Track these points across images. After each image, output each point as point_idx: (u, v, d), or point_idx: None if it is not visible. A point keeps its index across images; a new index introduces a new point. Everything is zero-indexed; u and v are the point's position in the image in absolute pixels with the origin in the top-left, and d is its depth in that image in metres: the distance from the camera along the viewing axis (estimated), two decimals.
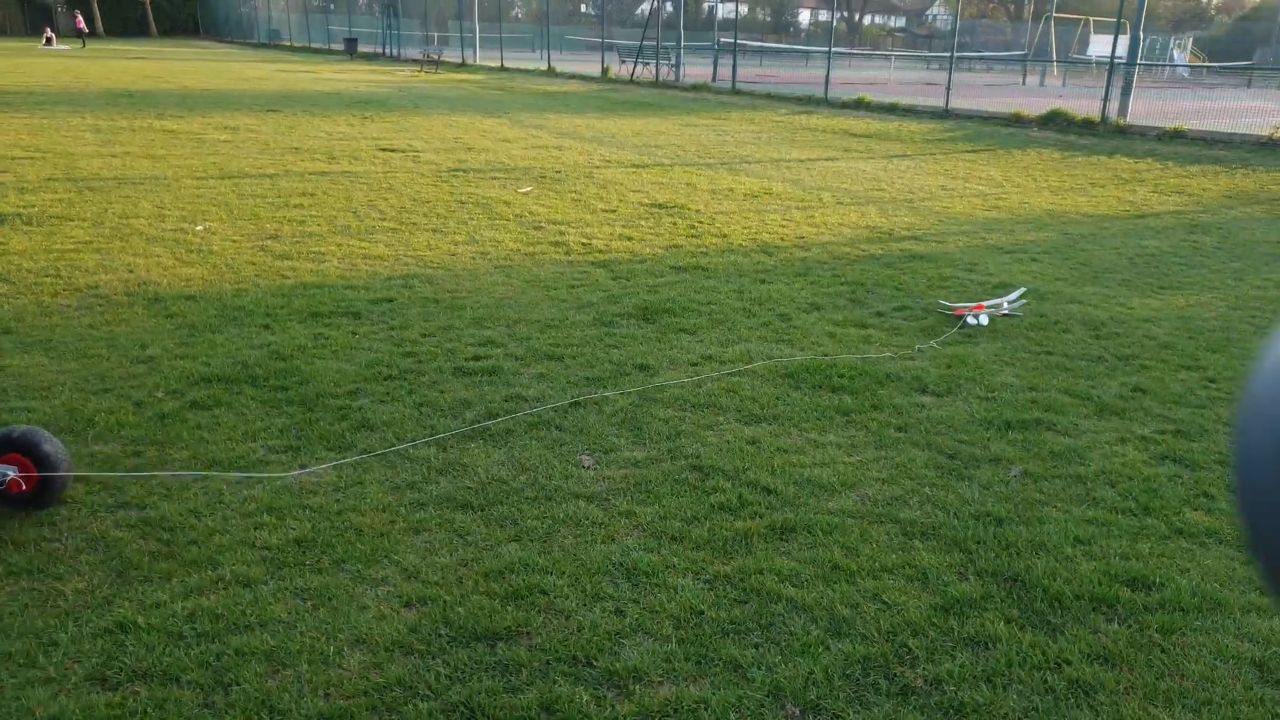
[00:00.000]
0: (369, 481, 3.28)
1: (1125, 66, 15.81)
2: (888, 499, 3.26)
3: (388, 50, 41.58)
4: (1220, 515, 3.20)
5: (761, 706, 2.24)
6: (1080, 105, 16.95)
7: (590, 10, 60.49)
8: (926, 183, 10.46)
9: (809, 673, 2.34)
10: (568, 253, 6.73)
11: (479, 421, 3.79)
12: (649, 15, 29.08)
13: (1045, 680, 2.34)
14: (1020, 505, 3.23)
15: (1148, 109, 16.33)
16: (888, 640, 2.48)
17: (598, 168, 10.80)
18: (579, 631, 2.49)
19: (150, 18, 65.41)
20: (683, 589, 2.69)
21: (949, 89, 18.55)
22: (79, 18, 48.86)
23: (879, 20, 69.20)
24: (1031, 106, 17.49)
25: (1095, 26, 34.34)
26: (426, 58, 33.39)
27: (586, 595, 2.65)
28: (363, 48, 42.21)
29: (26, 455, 2.94)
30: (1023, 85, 29.82)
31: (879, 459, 3.57)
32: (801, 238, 7.47)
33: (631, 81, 26.77)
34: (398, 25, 42.08)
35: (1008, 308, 5.49)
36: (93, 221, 7.18)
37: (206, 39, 63.36)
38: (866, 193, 9.72)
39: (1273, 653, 2.46)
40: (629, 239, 7.22)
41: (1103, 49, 29.16)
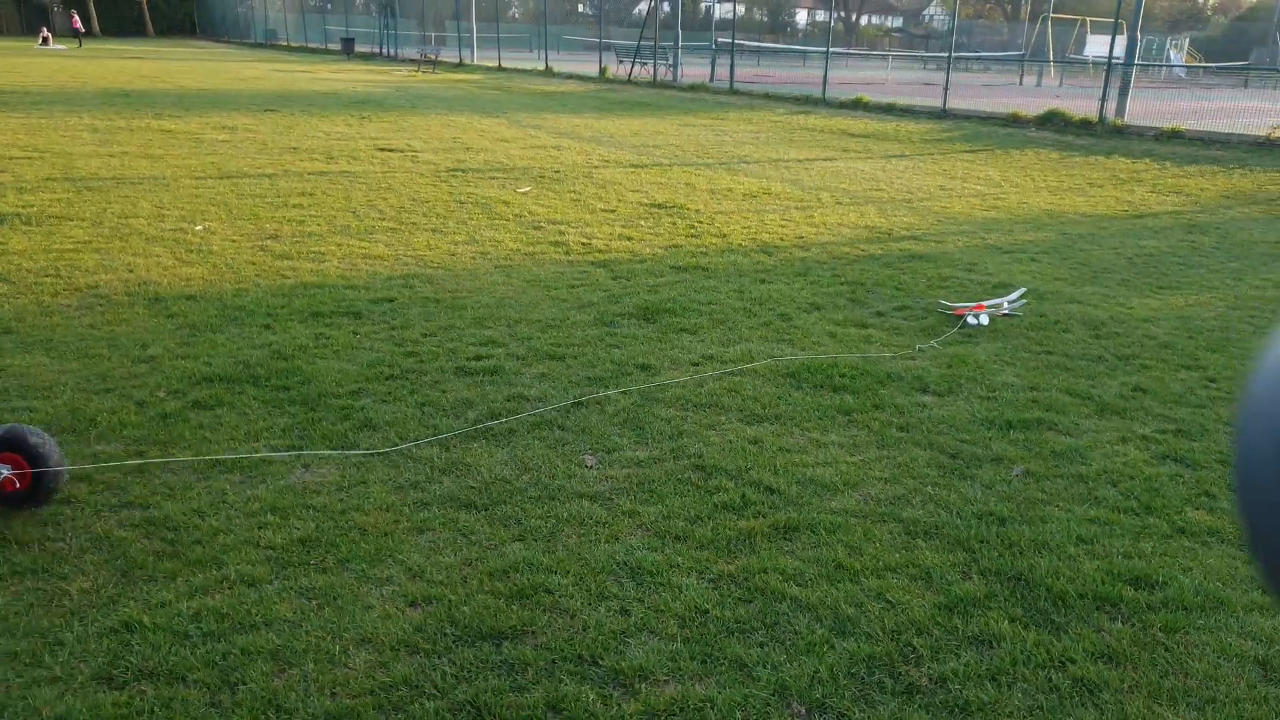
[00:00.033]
0: (372, 481, 3.28)
1: (1122, 67, 15.84)
2: (890, 498, 3.26)
3: (385, 50, 41.54)
4: (1222, 514, 3.21)
5: (767, 705, 2.24)
6: (1078, 105, 16.98)
7: (587, 10, 60.50)
8: (925, 183, 10.47)
9: (814, 671, 2.35)
10: (568, 252, 6.73)
11: (481, 421, 3.80)
12: (646, 15, 29.09)
13: (1050, 679, 2.35)
14: (1022, 504, 3.24)
15: (1145, 109, 16.37)
16: (892, 639, 2.49)
17: (596, 168, 10.80)
18: (584, 630, 2.49)
19: (146, 17, 65.34)
20: (687, 588, 2.69)
21: (946, 89, 18.56)
22: (75, 17, 48.84)
23: (876, 20, 69.26)
24: (1029, 107, 17.51)
25: (1092, 27, 34.39)
26: (424, 58, 33.37)
27: (591, 594, 2.66)
28: (360, 48, 42.16)
29: (18, 452, 2.91)
30: (1020, 85, 29.86)
31: (881, 458, 3.58)
32: (801, 238, 7.48)
33: (629, 81, 26.78)
34: (395, 25, 42.05)
35: (1008, 307, 5.50)
36: (92, 221, 7.18)
37: (203, 39, 63.28)
38: (865, 193, 9.73)
39: (1276, 651, 2.47)
40: (629, 239, 7.23)
41: (1099, 49, 29.20)
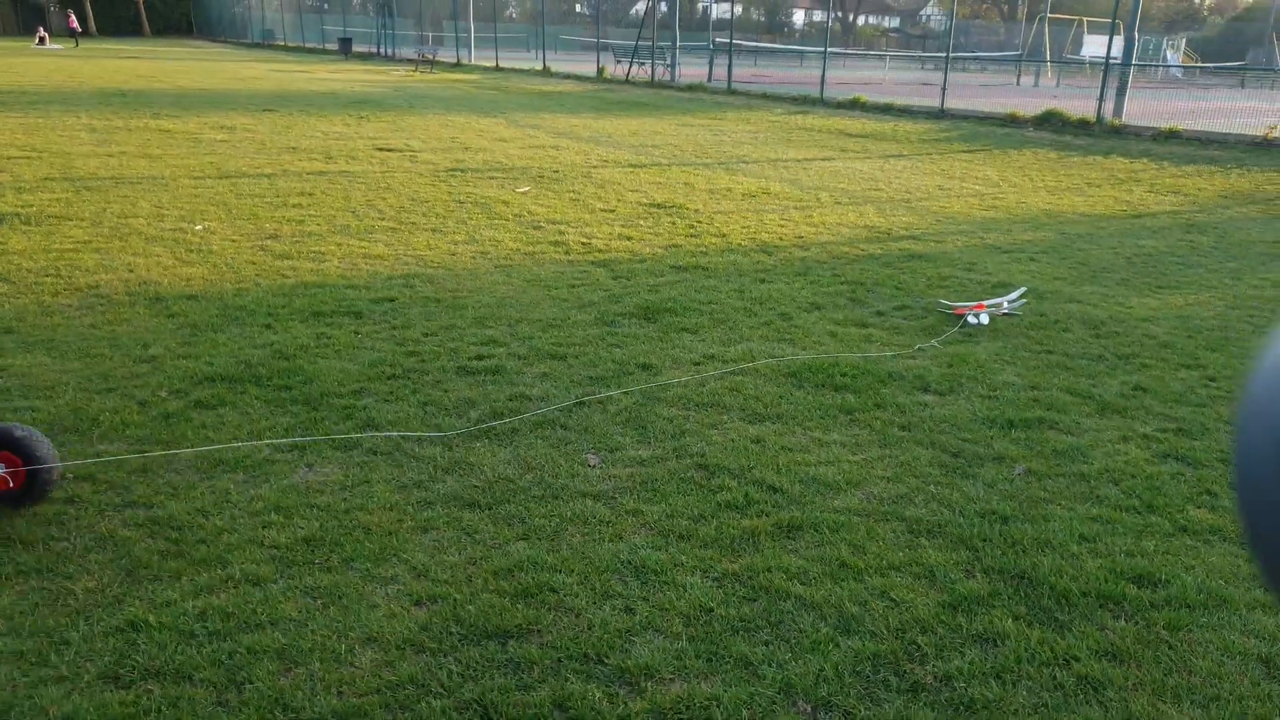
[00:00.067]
0: (376, 481, 3.28)
1: (1120, 67, 15.87)
2: (893, 497, 3.27)
3: (382, 50, 41.51)
4: (1223, 513, 3.22)
5: (773, 703, 2.25)
6: (1075, 105, 17.00)
7: (585, 10, 60.49)
8: (923, 182, 10.49)
9: (819, 670, 2.35)
10: (567, 252, 6.73)
11: (484, 421, 3.80)
12: (644, 15, 29.09)
13: (1054, 676, 2.36)
14: (1025, 503, 3.25)
15: (1142, 109, 16.40)
16: (897, 637, 2.49)
17: (595, 167, 10.80)
18: (589, 629, 2.50)
19: (143, 17, 65.26)
20: (691, 587, 2.70)
21: (944, 89, 18.58)
22: (72, 17, 48.77)
23: (873, 20, 69.29)
24: (1026, 107, 17.54)
25: (1089, 27, 34.44)
26: (421, 57, 33.36)
27: (596, 593, 2.66)
28: (357, 47, 42.13)
29: (10, 450, 2.88)
30: (1017, 85, 29.88)
31: (883, 457, 3.59)
32: (800, 237, 7.48)
33: (627, 81, 26.78)
34: (392, 25, 42.00)
35: (1008, 307, 5.52)
36: (91, 221, 7.17)
37: (200, 38, 63.21)
38: (864, 192, 9.74)
39: (1278, 649, 2.48)
40: (628, 239, 7.23)
41: (1096, 49, 29.23)
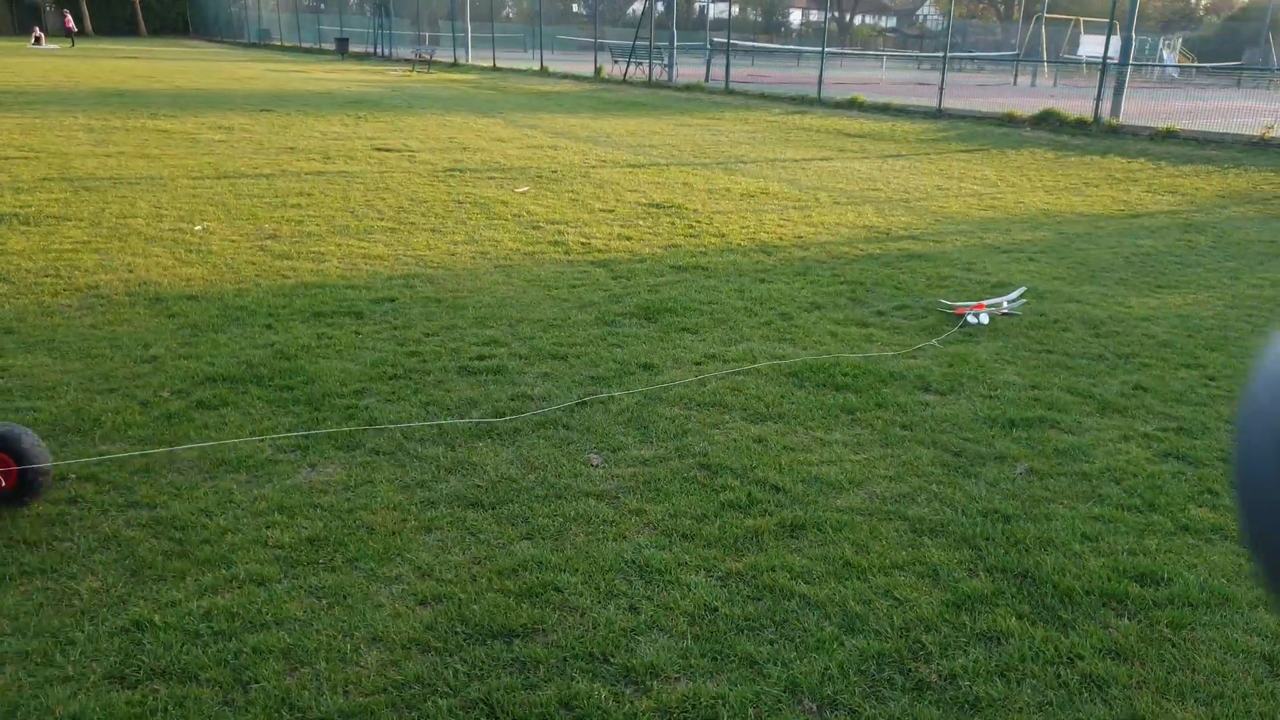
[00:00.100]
0: (379, 480, 3.28)
1: (1117, 66, 15.90)
2: (896, 496, 3.28)
3: (379, 50, 41.47)
4: (1225, 512, 3.22)
5: (779, 702, 2.25)
6: (1072, 105, 17.03)
7: (581, 10, 60.48)
8: (922, 182, 10.50)
9: (825, 668, 2.36)
10: (567, 252, 6.73)
11: (486, 420, 3.80)
12: (641, 15, 29.09)
13: (1059, 675, 2.36)
14: (1027, 502, 3.26)
15: (1140, 109, 16.43)
16: (901, 636, 2.50)
17: (593, 167, 10.81)
18: (594, 628, 2.50)
19: (139, 17, 65.16)
20: (696, 586, 2.70)
21: (942, 89, 18.60)
22: (68, 17, 48.66)
23: (869, 20, 69.34)
24: (1024, 106, 17.56)
25: (1085, 27, 34.50)
26: (419, 57, 33.34)
27: (600, 592, 2.67)
28: (354, 48, 42.10)
29: (2, 450, 2.86)
30: (1014, 85, 29.93)
31: (885, 457, 3.59)
32: (800, 237, 7.49)
33: (624, 81, 26.78)
34: (389, 25, 41.97)
35: (1007, 306, 5.53)
36: (90, 221, 7.16)
37: (196, 38, 63.12)
38: (862, 192, 9.75)
39: None
40: (628, 239, 7.24)
41: (1093, 49, 29.29)
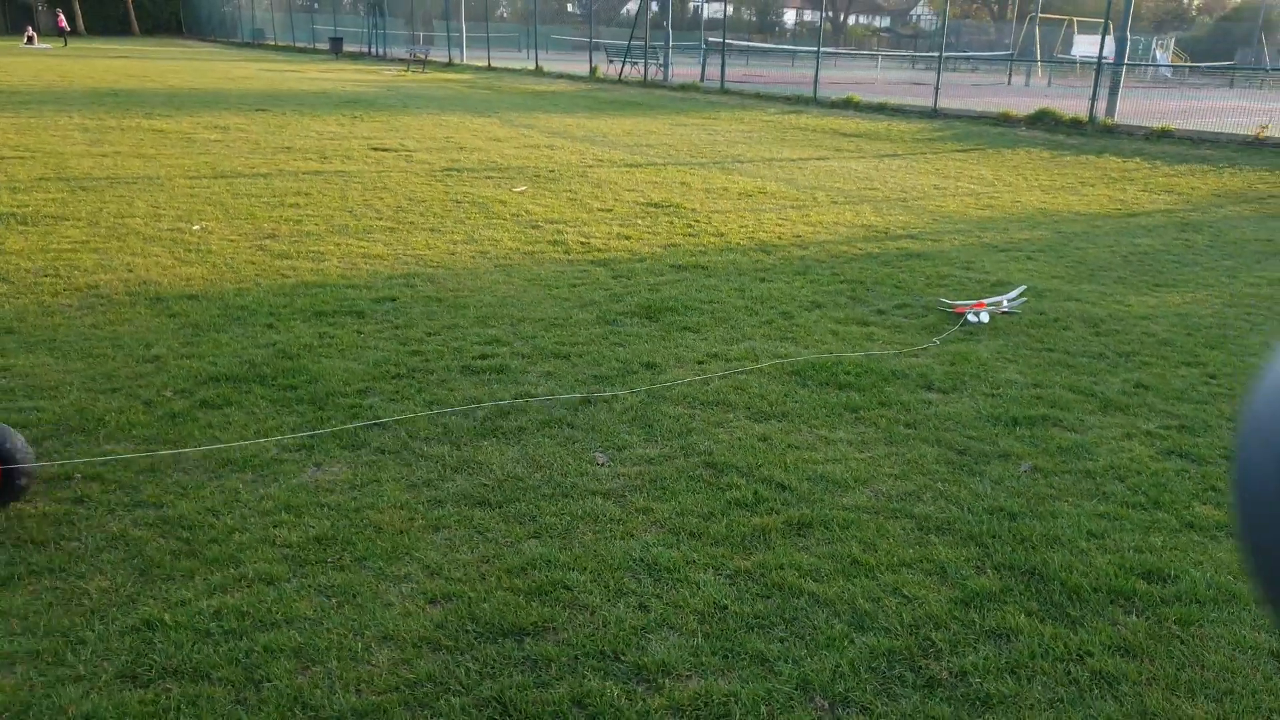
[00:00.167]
0: (385, 480, 3.28)
1: (1112, 66, 15.94)
2: (901, 494, 3.29)
3: (373, 50, 41.42)
4: (1228, 509, 3.24)
5: (791, 699, 2.26)
6: (1067, 105, 17.07)
7: (576, 10, 60.45)
8: (919, 182, 10.52)
9: (835, 666, 2.36)
10: (567, 252, 6.73)
11: (491, 419, 3.80)
12: (636, 14, 29.09)
13: (1069, 672, 2.37)
14: (1032, 500, 3.27)
15: (1134, 108, 16.48)
16: (911, 633, 2.50)
17: (591, 167, 10.80)
18: (604, 626, 2.50)
19: (132, 16, 64.95)
20: (704, 584, 2.70)
21: (937, 89, 18.63)
22: (60, 16, 48.48)
23: (863, 20, 69.46)
24: (1019, 106, 17.60)
25: (1079, 27, 34.60)
26: (413, 57, 33.30)
27: (609, 591, 2.67)
28: (348, 47, 42.04)
29: None
30: (1008, 85, 30.00)
31: (890, 455, 3.60)
32: (798, 236, 7.50)
33: (620, 81, 26.78)
34: (383, 24, 41.92)
35: (1007, 305, 5.54)
36: (88, 221, 7.14)
37: (189, 38, 62.95)
38: (860, 192, 9.77)
39: None
40: (627, 238, 7.24)
41: (1086, 49, 29.39)
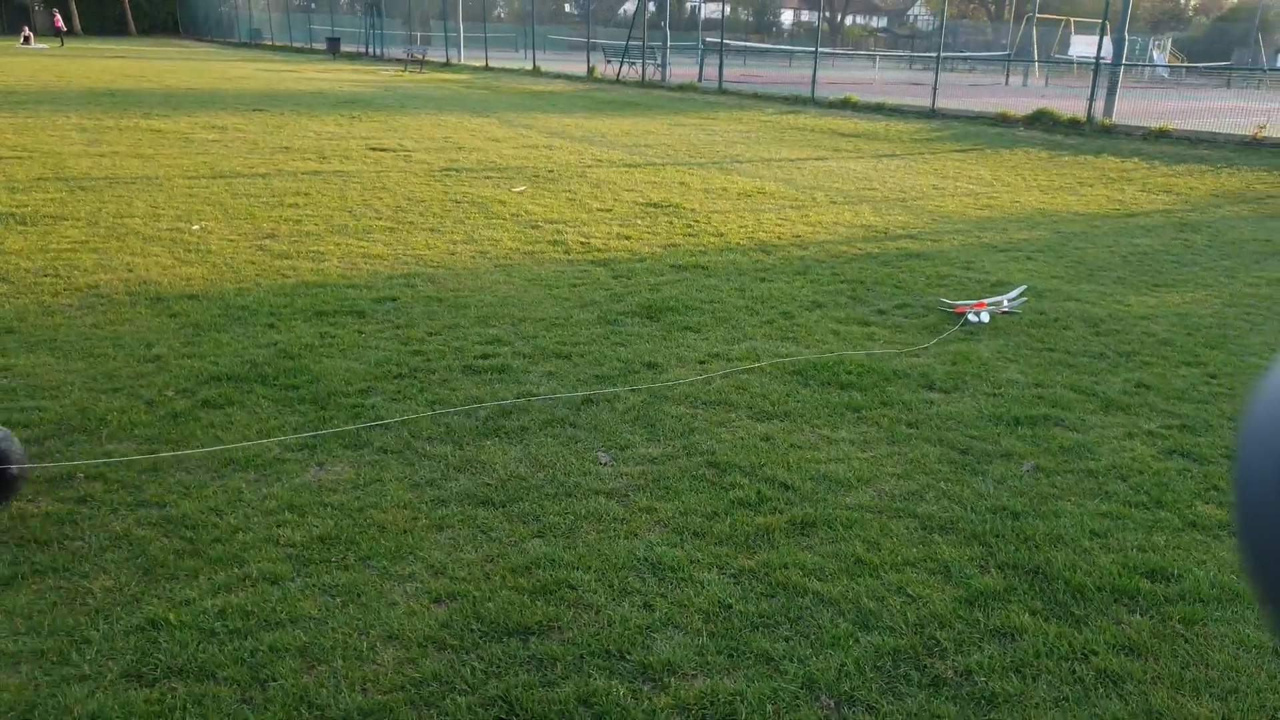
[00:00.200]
0: (388, 479, 3.28)
1: (1110, 67, 15.96)
2: (904, 494, 3.29)
3: (371, 50, 41.39)
4: (1230, 510, 3.24)
5: (796, 698, 2.26)
6: (1065, 105, 17.09)
7: (573, 10, 60.44)
8: (917, 182, 10.53)
9: (841, 665, 2.37)
10: (567, 252, 6.73)
11: (491, 417, 3.80)
12: (634, 14, 29.10)
13: (1074, 670, 2.37)
14: (1035, 499, 3.27)
15: (1132, 109, 16.49)
16: (916, 632, 2.51)
17: (589, 167, 10.80)
18: (609, 625, 2.50)
19: (129, 16, 64.88)
20: (709, 583, 2.71)
21: (935, 89, 18.64)
22: (57, 16, 48.43)
23: (860, 20, 69.49)
24: (1016, 106, 17.62)
25: (1076, 27, 34.64)
26: (410, 57, 33.26)
27: (614, 590, 2.67)
28: (345, 47, 41.99)
29: None
30: (1006, 85, 30.04)
31: (892, 454, 3.60)
32: (798, 236, 7.50)
33: (618, 81, 26.78)
34: (381, 24, 41.89)
35: (1008, 305, 5.55)
36: (87, 221, 7.13)
37: (186, 38, 62.86)
38: (859, 192, 9.77)
39: None
40: (627, 238, 7.24)
41: (1084, 49, 29.43)
